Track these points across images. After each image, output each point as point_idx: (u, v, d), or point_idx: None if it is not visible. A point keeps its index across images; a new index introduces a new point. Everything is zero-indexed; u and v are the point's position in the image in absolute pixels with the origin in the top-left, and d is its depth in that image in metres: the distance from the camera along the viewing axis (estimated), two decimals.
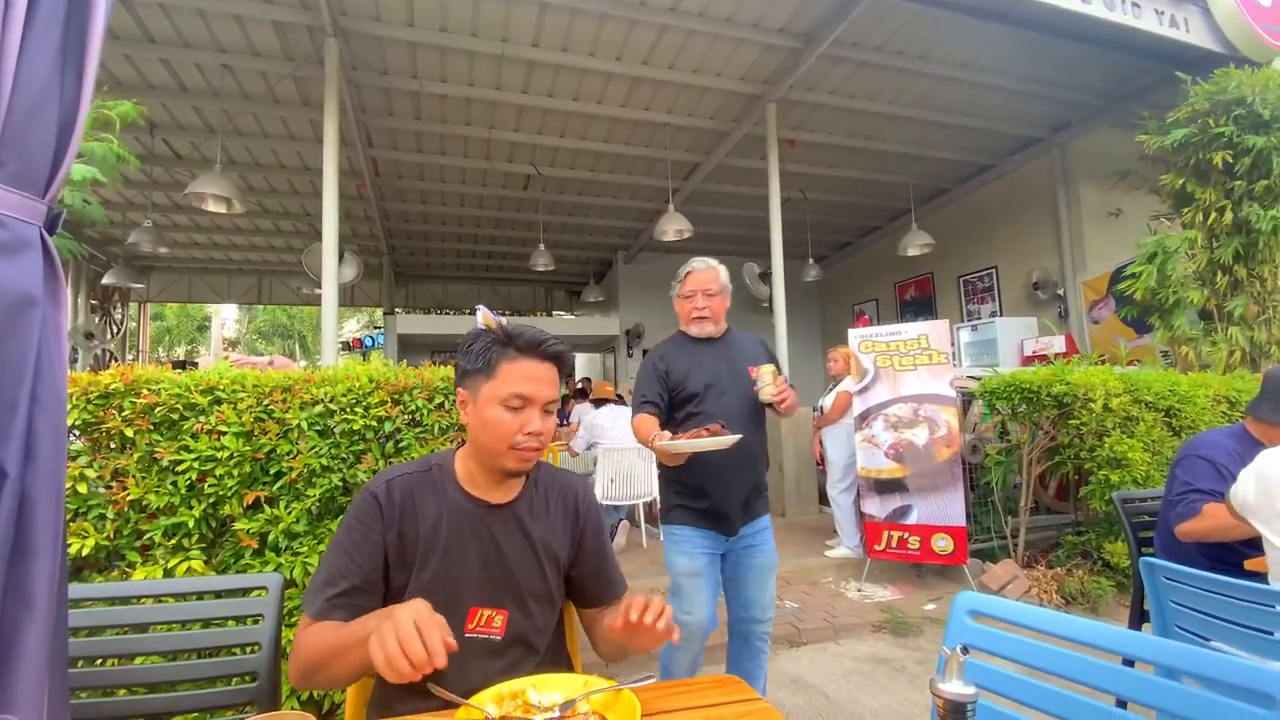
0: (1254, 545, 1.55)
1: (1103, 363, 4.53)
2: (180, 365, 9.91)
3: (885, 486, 4.09)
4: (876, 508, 4.11)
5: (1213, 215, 4.61)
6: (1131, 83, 6.02)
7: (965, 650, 0.53)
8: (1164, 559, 2.06)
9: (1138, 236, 5.91)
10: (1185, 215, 4.78)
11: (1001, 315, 7.79)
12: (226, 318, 22.51)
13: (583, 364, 13.29)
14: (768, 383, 1.99)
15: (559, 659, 1.21)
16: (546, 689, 0.88)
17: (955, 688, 0.52)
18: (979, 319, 8.00)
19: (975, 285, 8.52)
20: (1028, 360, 6.40)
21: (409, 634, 0.80)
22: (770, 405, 2.04)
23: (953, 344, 5.27)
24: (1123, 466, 3.50)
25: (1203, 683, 0.79)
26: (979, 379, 4.24)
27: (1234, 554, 1.84)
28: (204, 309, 20.35)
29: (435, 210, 8.76)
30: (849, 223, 9.89)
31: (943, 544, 3.91)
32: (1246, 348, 4.58)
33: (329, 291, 4.72)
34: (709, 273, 2.17)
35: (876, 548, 4.08)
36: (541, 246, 8.35)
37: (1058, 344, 6.30)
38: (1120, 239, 6.65)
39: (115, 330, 11.14)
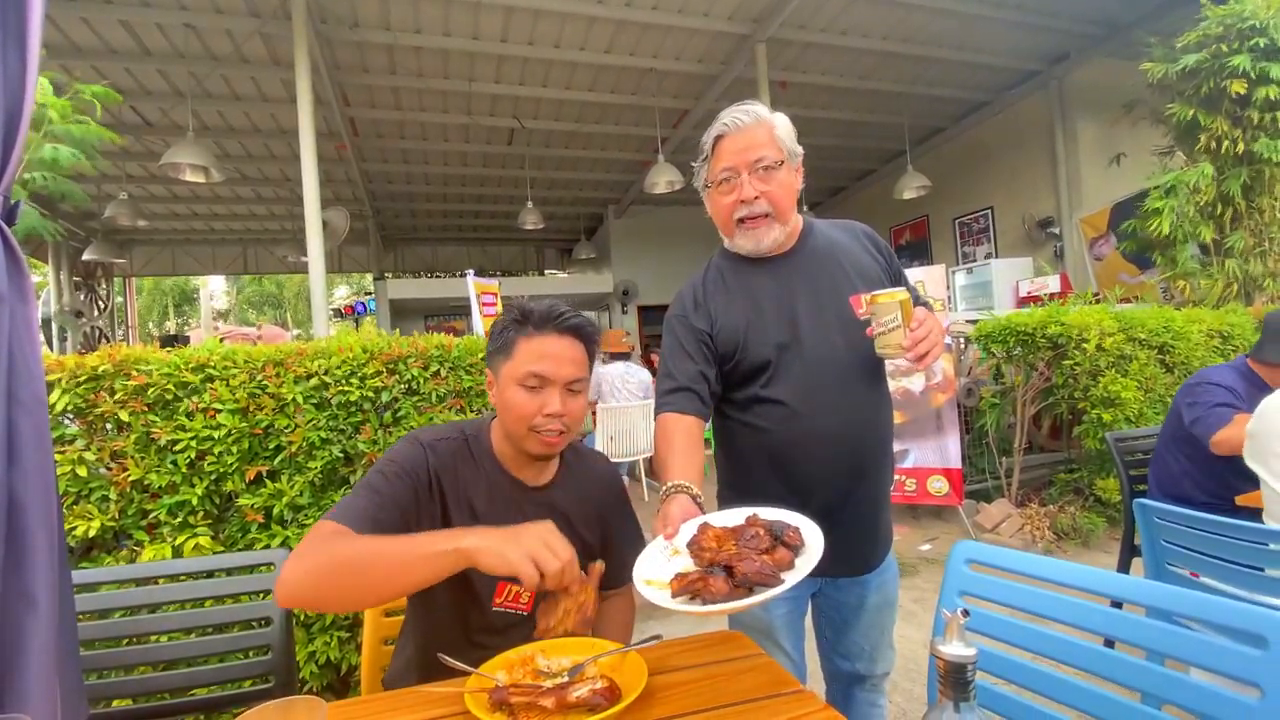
0: (1247, 478, 1.57)
1: (1098, 300, 4.53)
2: (170, 341, 9.85)
3: None
4: None
5: (1225, 144, 4.50)
6: (1136, 7, 5.81)
7: (966, 614, 0.54)
8: (1158, 496, 2.12)
9: (1136, 172, 5.82)
10: (1199, 144, 4.64)
11: (997, 257, 7.74)
12: (215, 289, 22.25)
13: None
14: (893, 323, 1.09)
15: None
16: (555, 654, 0.90)
17: (955, 649, 0.52)
18: (974, 261, 7.95)
19: (971, 227, 8.43)
20: (1023, 301, 6.39)
21: (569, 553, 0.84)
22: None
23: (948, 288, 5.24)
24: (1115, 405, 3.54)
25: (1197, 625, 0.81)
26: (974, 323, 4.24)
27: (1228, 490, 1.88)
28: (187, 280, 20.07)
29: (418, 170, 8.54)
30: (843, 166, 9.70)
31: (938, 485, 3.99)
32: (1240, 280, 4.57)
33: (315, 254, 4.63)
34: (755, 129, 1.19)
35: None
36: (530, 204, 8.18)
37: (1053, 284, 6.28)
38: (1118, 175, 6.55)
39: (102, 306, 11.00)
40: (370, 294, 11.41)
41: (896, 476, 4.04)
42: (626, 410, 4.82)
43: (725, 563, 0.80)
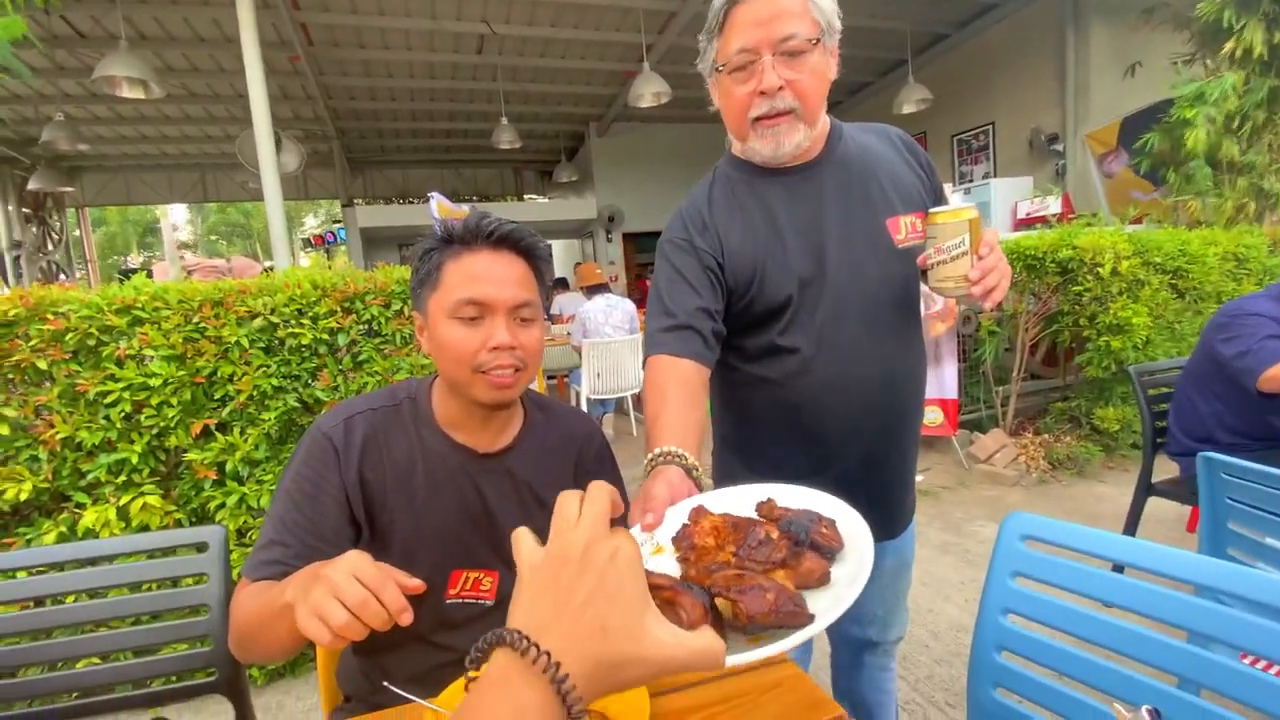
0: None
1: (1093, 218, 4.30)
2: (126, 275, 9.32)
3: None
4: None
5: (1259, 50, 4.14)
6: None
7: (1156, 714, 0.37)
8: (1180, 434, 1.99)
9: (1147, 85, 5.45)
10: (1226, 48, 4.27)
11: (996, 176, 7.41)
12: (177, 220, 21.18)
13: (561, 251, 12.78)
14: (958, 248, 0.85)
15: None
16: None
17: None
18: (972, 181, 7.62)
19: (970, 144, 8.04)
20: (1022, 223, 6.14)
21: (358, 596, 0.59)
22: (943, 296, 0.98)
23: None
24: (1124, 332, 3.39)
25: None
26: None
27: (1269, 432, 1.75)
28: (149, 211, 19.05)
29: (383, 84, 7.87)
30: (840, 78, 8.91)
31: (933, 416, 3.89)
32: (1254, 199, 4.35)
33: (270, 182, 4.24)
34: None
35: None
36: (504, 120, 7.61)
37: (1054, 204, 6.02)
38: (1129, 87, 6.15)
39: (56, 240, 10.36)
40: (339, 223, 10.84)
41: None
42: (611, 345, 4.61)
43: (717, 587, 0.50)
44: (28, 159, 8.91)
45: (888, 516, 1.13)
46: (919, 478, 3.74)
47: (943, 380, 3.85)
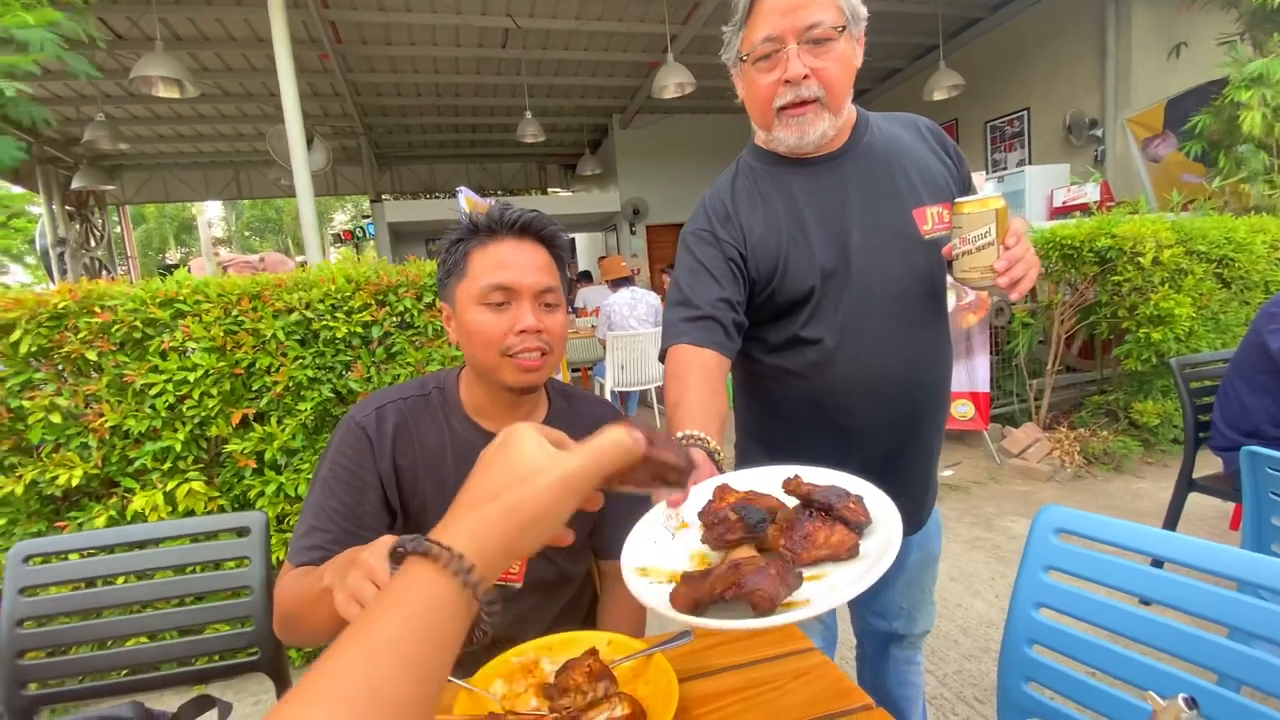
0: None
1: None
2: (167, 270, 9.62)
3: None
4: None
5: None
6: None
7: (1193, 704, 0.36)
8: (1224, 427, 1.93)
9: (1191, 66, 5.24)
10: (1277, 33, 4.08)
11: (1030, 164, 7.21)
12: (212, 216, 21.74)
13: (584, 244, 12.81)
14: (984, 238, 0.84)
15: (582, 599, 1.08)
16: (564, 653, 0.74)
17: None
18: (1005, 169, 7.42)
19: (1004, 131, 7.83)
20: (1058, 212, 5.97)
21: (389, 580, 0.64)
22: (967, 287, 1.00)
23: None
24: (1165, 324, 3.29)
25: None
26: None
27: None
28: (186, 208, 19.58)
29: (409, 80, 7.96)
30: (869, 65, 8.74)
31: (963, 410, 3.83)
32: None
33: (302, 179, 4.33)
34: None
35: None
36: (528, 114, 7.64)
37: (1092, 191, 5.83)
38: (1173, 69, 5.92)
39: (99, 237, 10.72)
40: (368, 218, 11.01)
41: None
42: (636, 337, 4.62)
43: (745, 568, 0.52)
44: (70, 158, 9.22)
45: (911, 509, 1.11)
46: (948, 472, 3.69)
47: (974, 373, 3.79)
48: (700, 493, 0.65)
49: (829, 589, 0.54)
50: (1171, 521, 2.06)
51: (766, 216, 1.00)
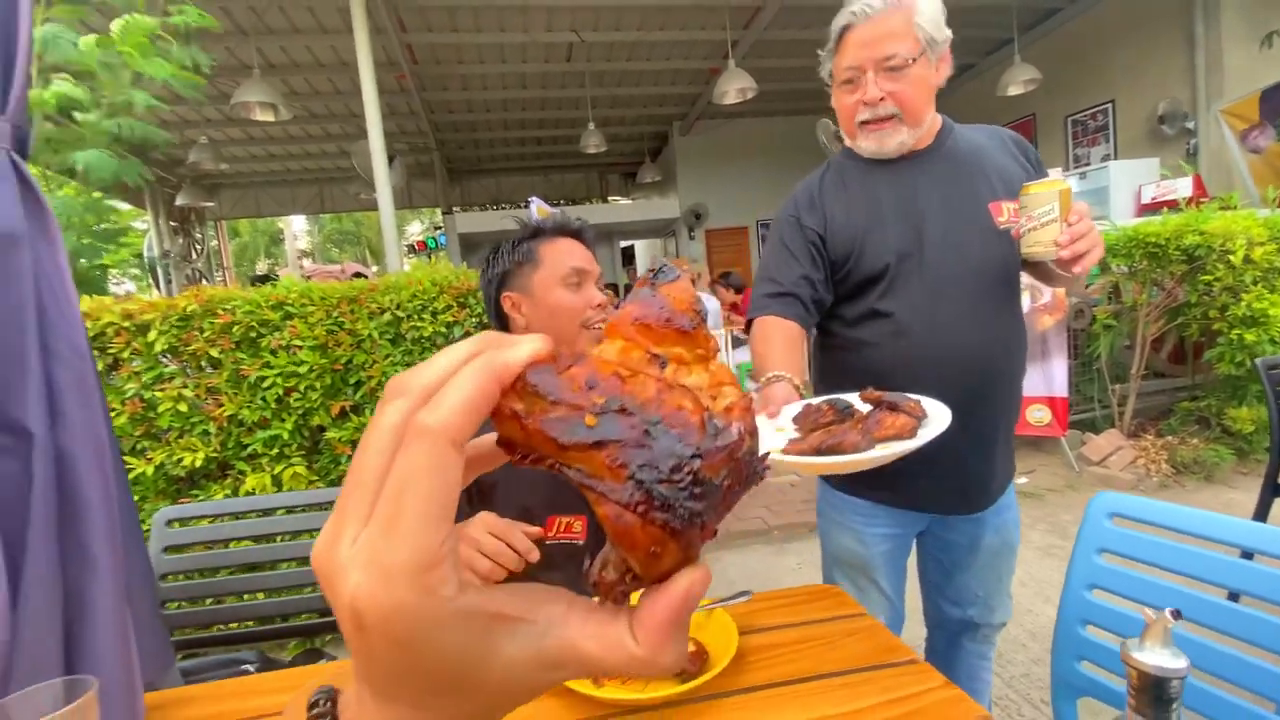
0: None
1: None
2: (261, 280, 10.42)
3: None
4: None
5: None
6: None
7: (1177, 615, 0.41)
8: None
9: None
10: None
11: (1116, 158, 6.82)
12: (297, 229, 23.30)
13: (643, 250, 12.98)
14: (1047, 215, 0.92)
15: None
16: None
17: (1157, 658, 0.40)
18: (1088, 165, 7.05)
19: (1086, 125, 7.44)
20: (1146, 209, 5.63)
21: (494, 546, 0.81)
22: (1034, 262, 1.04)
23: None
24: (1260, 325, 3.08)
25: None
26: None
27: None
28: (275, 222, 21.08)
29: (478, 96, 8.35)
30: None
31: (1039, 415, 3.69)
32: None
33: (383, 192, 4.65)
34: (887, 18, 1.04)
35: None
36: (591, 125, 7.86)
37: (1183, 187, 5.48)
38: (1266, 58, 5.51)
39: (199, 250, 11.72)
40: (439, 229, 11.57)
41: None
42: None
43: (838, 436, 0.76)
44: (174, 178, 10.14)
45: (978, 488, 1.16)
46: (1022, 480, 3.57)
47: (1050, 377, 3.64)
48: (791, 410, 0.87)
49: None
50: None
51: (848, 205, 1.14)
